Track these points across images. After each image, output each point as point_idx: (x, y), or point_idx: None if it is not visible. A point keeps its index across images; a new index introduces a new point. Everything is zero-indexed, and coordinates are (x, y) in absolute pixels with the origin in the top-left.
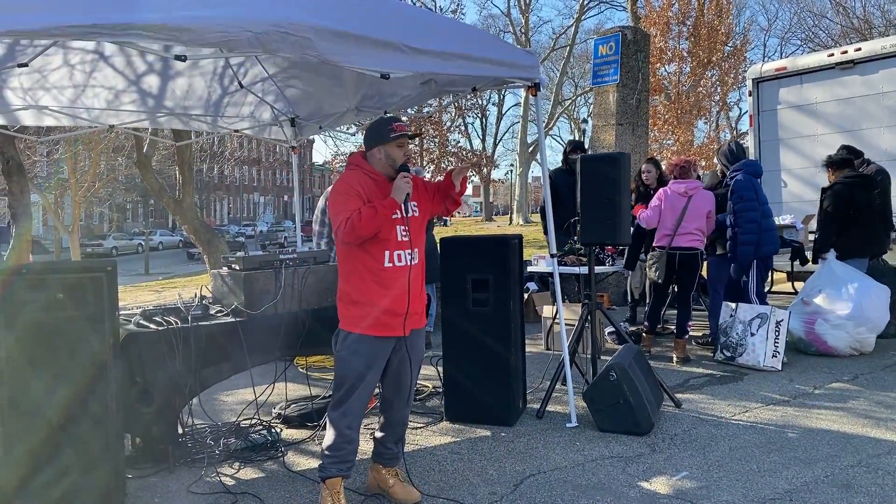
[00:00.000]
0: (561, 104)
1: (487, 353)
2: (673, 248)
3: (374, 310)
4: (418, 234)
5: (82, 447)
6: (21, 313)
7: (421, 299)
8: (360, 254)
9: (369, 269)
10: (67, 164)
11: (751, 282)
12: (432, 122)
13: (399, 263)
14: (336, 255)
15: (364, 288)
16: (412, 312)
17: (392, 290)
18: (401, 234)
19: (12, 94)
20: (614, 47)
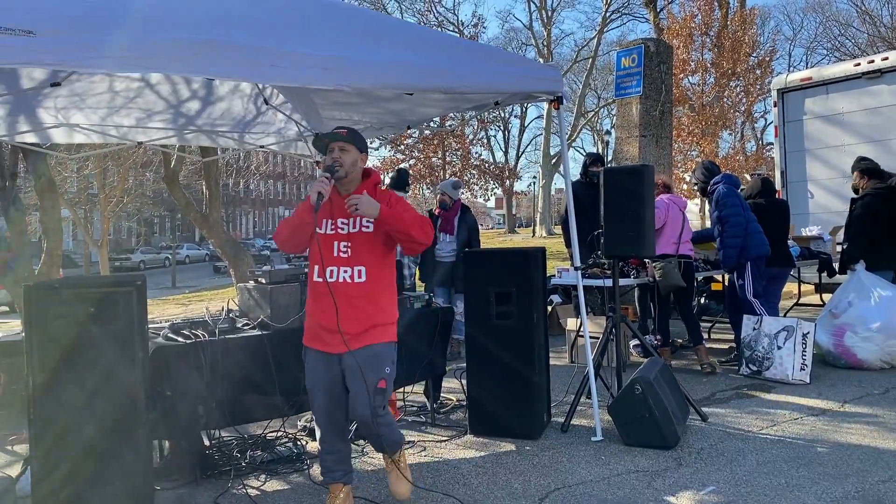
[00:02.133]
0: (584, 116)
1: (511, 367)
2: (680, 256)
3: (312, 322)
4: (368, 252)
5: (112, 459)
6: (53, 327)
7: (359, 321)
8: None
9: (310, 281)
10: (97, 180)
11: (746, 284)
12: (455, 136)
13: (331, 279)
14: None
15: (309, 300)
16: (344, 332)
17: (320, 304)
18: (339, 250)
19: (45, 113)
20: (637, 59)
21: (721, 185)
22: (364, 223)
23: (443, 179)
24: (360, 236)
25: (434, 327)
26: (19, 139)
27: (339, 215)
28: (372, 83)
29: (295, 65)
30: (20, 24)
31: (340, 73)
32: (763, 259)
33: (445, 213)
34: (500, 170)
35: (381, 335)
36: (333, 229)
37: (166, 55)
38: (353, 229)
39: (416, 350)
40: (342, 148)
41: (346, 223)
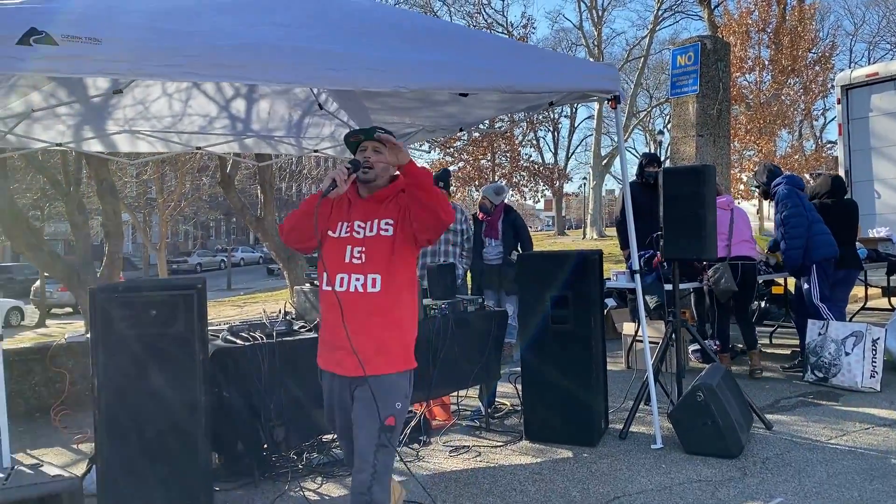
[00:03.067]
0: (636, 116)
1: (568, 372)
2: (734, 259)
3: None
4: (385, 259)
5: (173, 460)
6: (116, 330)
7: (371, 338)
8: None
9: (319, 290)
10: (155, 185)
11: (812, 288)
12: (504, 137)
13: (340, 288)
14: None
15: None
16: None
17: (329, 317)
18: (352, 255)
19: (113, 123)
20: (693, 57)
21: (782, 187)
22: (384, 225)
23: (492, 181)
24: (377, 241)
25: (488, 331)
26: (85, 146)
27: (356, 217)
28: (429, 84)
29: (352, 68)
30: (87, 32)
31: (398, 75)
32: (830, 261)
33: (489, 218)
34: (549, 171)
35: (396, 362)
36: (349, 232)
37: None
38: (370, 233)
39: (470, 354)
40: (377, 149)
41: (364, 226)
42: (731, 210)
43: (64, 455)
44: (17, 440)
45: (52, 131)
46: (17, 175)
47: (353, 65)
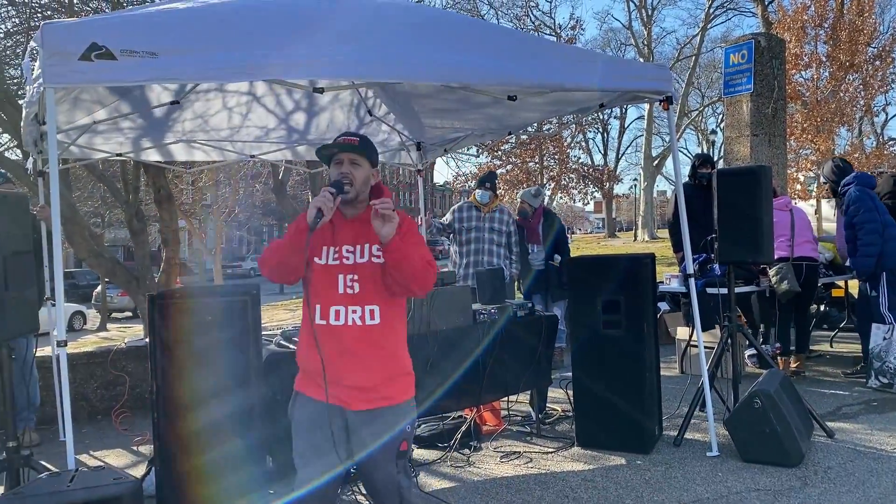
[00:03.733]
0: (687, 115)
1: (620, 377)
2: (797, 259)
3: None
4: (381, 288)
5: (229, 462)
6: (174, 334)
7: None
8: (304, 304)
9: (305, 323)
10: (210, 192)
11: (881, 296)
12: (552, 140)
13: (336, 322)
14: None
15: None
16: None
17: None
18: (345, 285)
19: (171, 136)
20: (747, 55)
21: (853, 188)
22: (375, 251)
23: (540, 184)
24: (369, 267)
25: (538, 336)
26: (143, 156)
27: (343, 241)
28: (478, 80)
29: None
30: (144, 47)
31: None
32: None
33: (528, 223)
34: (599, 173)
35: (400, 392)
36: (337, 259)
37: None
38: (360, 258)
39: (520, 359)
40: (353, 161)
41: (353, 251)
42: (790, 211)
43: (124, 457)
44: (80, 441)
45: (112, 142)
46: (78, 184)
47: (402, 69)
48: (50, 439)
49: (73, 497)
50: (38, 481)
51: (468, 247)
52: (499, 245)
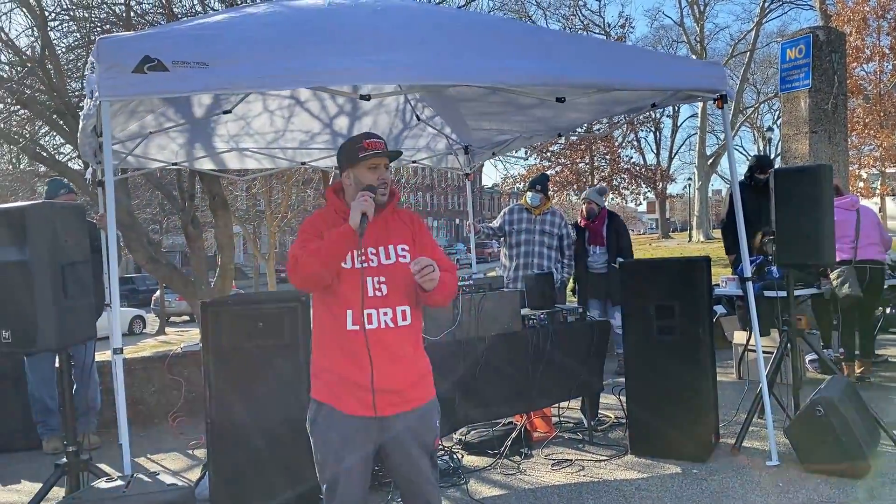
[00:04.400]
0: (742, 113)
1: (675, 383)
2: (860, 262)
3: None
4: (409, 288)
5: (281, 468)
6: (226, 341)
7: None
8: (321, 310)
9: (331, 330)
10: (264, 198)
11: None
12: (603, 140)
13: (369, 326)
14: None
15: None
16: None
17: (357, 359)
18: (374, 287)
19: (219, 140)
20: (804, 50)
21: None
22: (401, 252)
23: (591, 185)
24: (397, 269)
25: (589, 342)
26: (197, 165)
27: (366, 244)
28: (529, 83)
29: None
30: (195, 58)
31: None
32: None
33: (592, 225)
34: (651, 172)
35: (430, 389)
36: (364, 261)
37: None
38: (386, 260)
39: (571, 364)
40: (386, 166)
41: (377, 253)
42: (856, 210)
43: (180, 460)
44: (137, 445)
45: (167, 151)
46: (137, 192)
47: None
48: (110, 442)
49: (127, 503)
50: (95, 486)
51: (518, 249)
52: (550, 248)
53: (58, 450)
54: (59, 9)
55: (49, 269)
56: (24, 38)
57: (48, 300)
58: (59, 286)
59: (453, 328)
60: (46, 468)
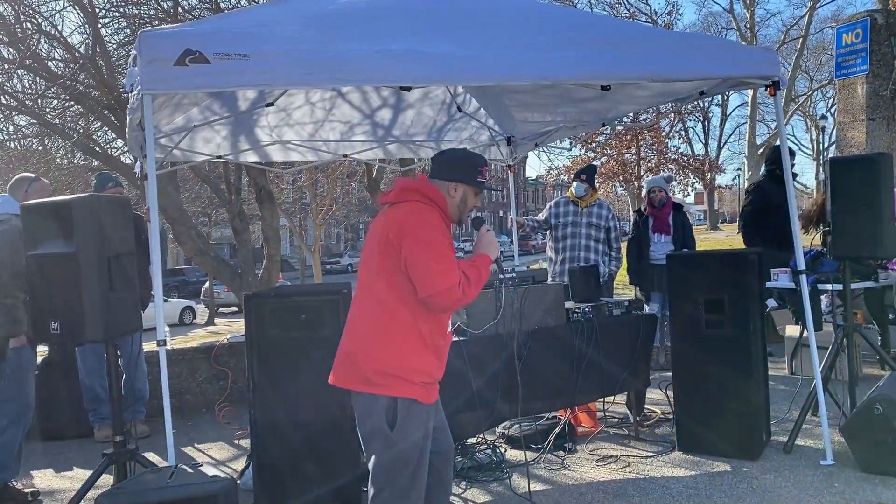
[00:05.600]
0: (794, 101)
1: (725, 379)
2: None
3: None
4: None
5: (324, 459)
6: (269, 333)
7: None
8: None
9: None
10: (309, 191)
11: None
12: (650, 129)
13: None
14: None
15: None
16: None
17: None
18: None
19: (262, 132)
20: (861, 34)
21: None
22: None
23: (637, 176)
24: None
25: (635, 336)
26: (242, 158)
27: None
28: (576, 77)
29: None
30: (236, 49)
31: (539, 69)
32: None
33: (658, 212)
34: (700, 163)
35: None
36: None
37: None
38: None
39: (617, 359)
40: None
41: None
42: None
43: (226, 450)
44: (184, 434)
45: (212, 144)
46: (186, 185)
47: (493, 69)
48: (159, 431)
49: (171, 494)
50: (140, 477)
51: (564, 242)
52: (597, 241)
53: (109, 438)
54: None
55: (96, 262)
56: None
57: (95, 292)
58: (106, 278)
59: (495, 322)
60: (98, 456)
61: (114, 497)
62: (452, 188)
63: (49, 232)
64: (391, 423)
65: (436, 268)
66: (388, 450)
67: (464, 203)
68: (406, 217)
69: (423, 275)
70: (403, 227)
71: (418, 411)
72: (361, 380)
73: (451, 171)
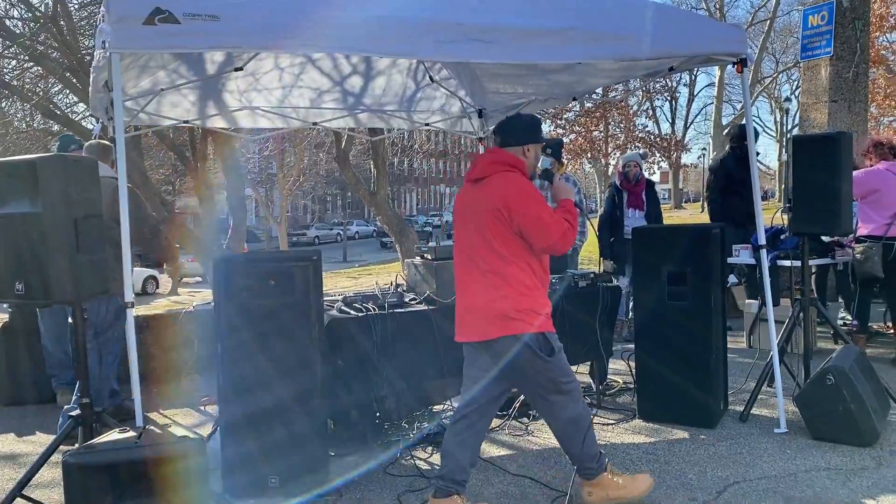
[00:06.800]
0: (760, 82)
1: (685, 349)
2: (889, 239)
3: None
4: None
5: (291, 424)
6: (238, 299)
7: None
8: (536, 264)
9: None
10: (276, 160)
11: None
12: (618, 108)
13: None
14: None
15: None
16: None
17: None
18: None
19: (230, 97)
20: (827, 17)
21: None
22: None
23: (605, 153)
24: None
25: (600, 306)
26: (210, 123)
27: None
28: (546, 58)
29: (461, 39)
30: (206, 10)
31: (508, 47)
32: None
33: (633, 188)
34: (666, 142)
35: None
36: None
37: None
38: None
39: (581, 330)
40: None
41: None
42: None
43: (192, 416)
44: (151, 401)
45: (179, 108)
46: (150, 152)
47: (462, 36)
48: (123, 398)
49: (140, 453)
50: (108, 437)
51: None
52: None
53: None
54: None
55: (62, 222)
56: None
57: (62, 252)
58: (73, 239)
59: None
60: (57, 420)
61: (81, 456)
62: (526, 150)
63: (13, 191)
64: (548, 352)
65: (548, 221)
66: (550, 371)
67: (536, 160)
68: (506, 188)
69: (539, 229)
70: (507, 197)
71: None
72: (499, 326)
73: (523, 136)
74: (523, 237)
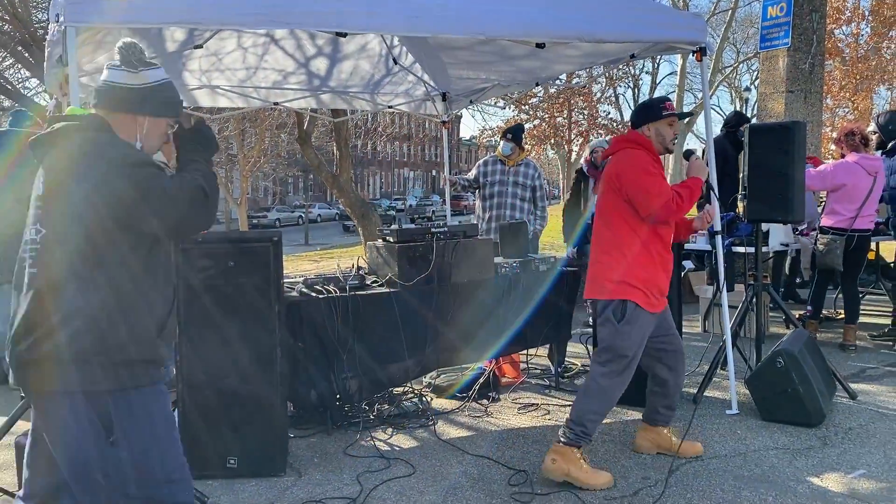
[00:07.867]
0: (721, 72)
1: None
2: (853, 231)
3: (654, 288)
4: None
5: (250, 406)
6: (197, 279)
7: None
8: (648, 237)
9: (656, 252)
10: (236, 141)
11: None
12: (581, 94)
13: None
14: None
15: (651, 269)
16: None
17: (668, 272)
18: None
19: (190, 76)
20: (786, 8)
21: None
22: None
23: (568, 140)
24: None
25: (559, 290)
26: None
27: None
28: (508, 34)
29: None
30: None
31: (476, 23)
32: None
33: (599, 174)
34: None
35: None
36: None
37: (302, 10)
38: None
39: (541, 313)
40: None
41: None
42: (874, 177)
43: None
44: None
45: None
46: None
47: (428, 12)
48: None
49: None
50: None
51: (491, 200)
52: (523, 199)
53: None
54: None
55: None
56: None
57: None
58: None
59: (426, 274)
60: (11, 402)
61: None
62: (647, 129)
63: None
64: (619, 318)
65: (652, 190)
66: (613, 337)
67: (660, 135)
68: (618, 162)
69: (642, 198)
70: (618, 170)
71: (641, 315)
72: (599, 289)
73: (640, 117)
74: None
